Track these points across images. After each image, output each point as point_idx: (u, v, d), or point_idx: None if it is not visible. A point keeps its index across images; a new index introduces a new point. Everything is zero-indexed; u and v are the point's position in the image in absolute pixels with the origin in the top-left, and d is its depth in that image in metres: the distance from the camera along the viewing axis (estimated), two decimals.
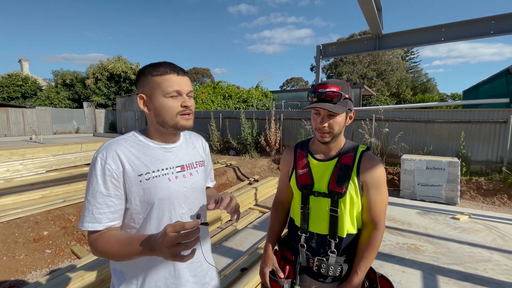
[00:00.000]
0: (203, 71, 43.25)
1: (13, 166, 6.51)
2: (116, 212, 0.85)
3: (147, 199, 0.87)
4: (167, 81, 0.86)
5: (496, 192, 5.26)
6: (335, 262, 1.07)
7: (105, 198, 0.82)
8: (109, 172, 0.82)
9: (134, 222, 0.89)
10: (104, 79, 20.20)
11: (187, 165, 0.98)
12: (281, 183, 1.29)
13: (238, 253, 2.95)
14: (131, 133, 0.95)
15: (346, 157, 1.09)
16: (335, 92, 1.01)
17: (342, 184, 1.04)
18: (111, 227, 0.84)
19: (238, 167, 7.14)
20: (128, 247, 0.76)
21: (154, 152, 0.92)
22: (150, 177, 0.87)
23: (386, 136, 7.07)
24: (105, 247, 0.79)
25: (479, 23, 4.03)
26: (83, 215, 0.83)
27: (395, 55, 28.45)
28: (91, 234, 0.83)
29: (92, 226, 0.82)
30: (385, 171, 1.11)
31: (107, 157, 0.84)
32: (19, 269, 2.82)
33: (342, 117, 1.05)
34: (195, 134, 1.13)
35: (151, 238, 0.72)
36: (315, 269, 1.10)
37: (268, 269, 1.15)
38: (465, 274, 2.48)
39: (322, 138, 1.07)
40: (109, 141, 0.89)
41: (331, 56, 4.90)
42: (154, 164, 0.90)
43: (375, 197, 1.06)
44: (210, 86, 17.44)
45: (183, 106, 0.88)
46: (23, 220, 3.40)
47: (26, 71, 24.66)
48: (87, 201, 0.83)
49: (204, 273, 1.02)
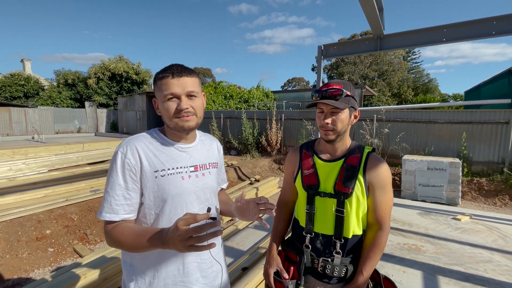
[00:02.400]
0: (204, 71, 43.32)
1: (16, 165, 6.54)
2: (133, 205, 0.89)
3: (161, 195, 0.90)
4: (163, 85, 0.89)
5: (498, 193, 5.25)
6: (340, 263, 1.07)
7: (123, 191, 0.87)
8: (128, 166, 0.87)
9: (146, 218, 0.92)
10: (105, 79, 20.27)
11: (200, 166, 1.02)
12: (286, 183, 1.30)
13: (239, 252, 2.96)
14: (152, 130, 1.00)
15: (352, 158, 1.10)
16: (337, 90, 1.04)
17: (349, 184, 1.05)
18: (126, 220, 0.88)
19: (239, 167, 7.16)
20: (141, 238, 0.78)
21: (171, 151, 0.96)
22: (165, 174, 0.91)
23: (387, 137, 7.07)
24: (120, 237, 0.83)
25: (481, 24, 4.02)
26: (102, 206, 0.88)
27: (396, 55, 28.39)
28: (107, 224, 0.87)
29: (109, 216, 0.86)
30: (390, 172, 1.12)
31: (127, 151, 0.88)
32: (22, 268, 2.85)
33: (345, 114, 1.06)
34: (210, 136, 1.18)
35: (164, 231, 0.74)
36: (320, 269, 1.10)
37: (272, 270, 1.15)
38: (466, 275, 2.48)
39: (326, 136, 1.08)
40: (130, 137, 0.95)
41: (332, 56, 4.91)
42: (170, 162, 0.93)
43: (380, 198, 1.07)
44: (212, 86, 17.47)
45: (178, 109, 0.90)
46: (26, 219, 3.43)
47: (28, 70, 24.75)
48: (107, 193, 0.87)
49: (214, 275, 1.03)
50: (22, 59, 25.52)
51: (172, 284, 0.93)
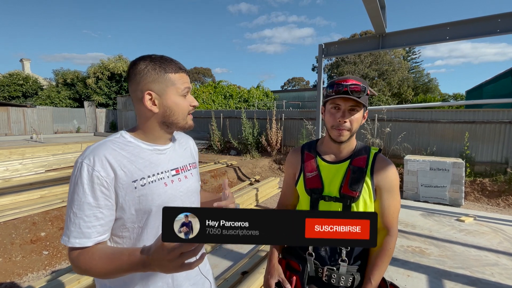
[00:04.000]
0: (204, 71, 43.22)
1: (13, 166, 6.46)
2: (106, 225, 0.76)
3: (143, 207, 0.78)
4: (181, 79, 0.81)
5: (501, 194, 5.18)
6: (346, 271, 1.00)
7: (93, 210, 0.73)
8: (98, 180, 0.73)
9: (129, 231, 0.81)
10: (105, 79, 20.19)
11: (181, 168, 0.91)
12: (286, 186, 1.22)
13: (239, 255, 2.89)
14: (118, 133, 0.85)
15: (359, 159, 1.03)
16: (358, 85, 0.95)
17: (356, 187, 0.99)
18: (101, 242, 0.75)
19: (239, 167, 7.08)
20: (116, 263, 0.67)
21: (147, 155, 0.83)
22: (145, 182, 0.79)
23: (389, 137, 7.00)
24: (89, 264, 0.70)
25: (485, 22, 3.95)
26: (67, 230, 0.73)
27: (396, 55, 28.33)
28: (72, 250, 0.73)
29: (80, 242, 0.71)
30: (398, 174, 1.05)
31: (95, 163, 0.73)
32: (15, 271, 2.77)
33: (361, 114, 1.01)
34: (184, 135, 1.06)
35: (144, 251, 0.63)
36: (324, 279, 1.02)
37: (274, 281, 1.07)
38: (472, 279, 2.41)
39: (340, 137, 1.00)
40: (95, 144, 0.79)
41: (333, 55, 4.83)
42: (149, 168, 0.81)
43: (388, 202, 1.01)
44: (211, 86, 17.41)
45: (192, 105, 0.85)
46: (21, 221, 3.35)
47: (27, 70, 24.68)
48: (73, 214, 0.72)
49: (202, 281, 0.97)
50: (22, 59, 25.46)
51: None
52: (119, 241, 0.81)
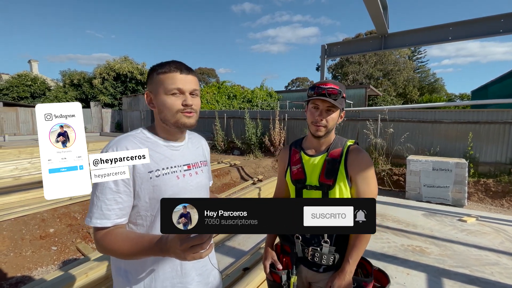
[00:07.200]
0: (208, 71, 43.44)
1: (22, 165, 6.62)
2: (125, 209, 0.86)
3: (157, 195, 0.88)
4: (169, 79, 0.87)
5: (505, 194, 5.15)
6: (328, 251, 1.12)
7: (114, 194, 0.83)
8: None
9: (142, 219, 0.90)
10: (110, 79, 20.46)
11: (193, 164, 1.01)
12: (279, 180, 1.37)
13: (241, 252, 2.94)
14: (138, 130, 0.96)
15: (334, 152, 1.16)
16: (335, 89, 1.10)
17: (331, 176, 1.11)
18: (118, 224, 0.85)
19: (242, 167, 7.15)
20: (137, 246, 0.76)
21: (163, 150, 0.93)
22: (160, 174, 0.89)
23: (392, 137, 6.99)
24: (113, 245, 0.79)
25: (488, 22, 3.94)
26: (90, 211, 0.83)
27: (402, 55, 28.09)
28: (97, 231, 0.83)
29: (100, 222, 0.82)
30: (372, 163, 1.17)
31: None
32: (26, 266, 2.87)
33: (337, 114, 1.14)
34: (197, 135, 1.16)
35: (162, 238, 0.71)
36: (309, 258, 1.16)
37: (268, 262, 1.24)
38: (471, 277, 2.43)
39: (317, 132, 1.14)
40: (118, 137, 0.90)
41: (336, 55, 4.86)
42: (163, 162, 0.91)
43: (363, 188, 1.11)
44: (215, 86, 17.53)
45: (183, 104, 0.89)
46: (30, 218, 3.46)
47: (35, 71, 25.12)
48: (96, 197, 0.83)
49: (208, 273, 1.03)
50: (30, 60, 25.93)
51: (170, 286, 0.91)
52: (134, 228, 0.91)
